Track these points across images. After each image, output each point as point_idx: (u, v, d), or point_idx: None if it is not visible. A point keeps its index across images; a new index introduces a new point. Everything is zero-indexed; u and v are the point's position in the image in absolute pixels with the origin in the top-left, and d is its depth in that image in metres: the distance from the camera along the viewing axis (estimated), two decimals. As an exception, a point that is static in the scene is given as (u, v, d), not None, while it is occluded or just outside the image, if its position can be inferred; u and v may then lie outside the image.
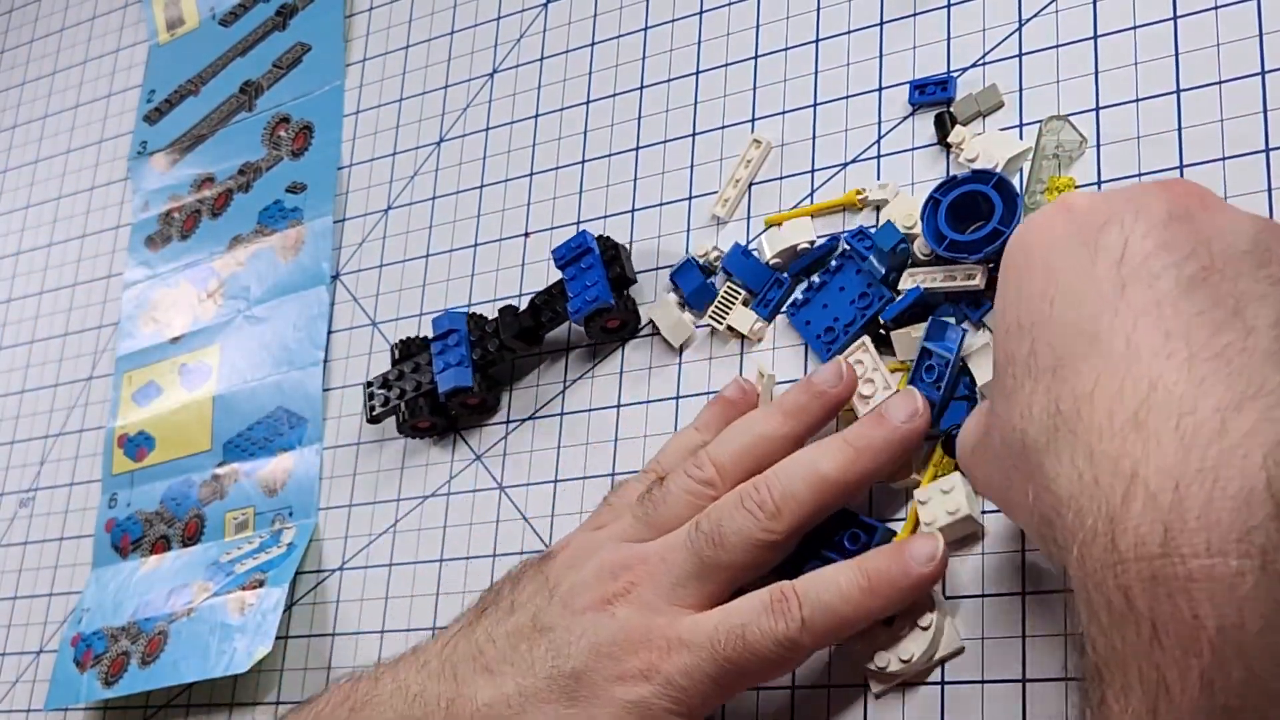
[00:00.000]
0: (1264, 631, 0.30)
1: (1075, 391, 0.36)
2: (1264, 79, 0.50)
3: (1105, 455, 0.33)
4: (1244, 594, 0.30)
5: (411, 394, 0.64)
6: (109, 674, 0.69)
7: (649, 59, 0.66)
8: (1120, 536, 0.32)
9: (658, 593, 0.49)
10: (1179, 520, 0.31)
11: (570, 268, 0.60)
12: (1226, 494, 0.31)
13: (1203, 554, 0.31)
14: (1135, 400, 0.34)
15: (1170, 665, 0.30)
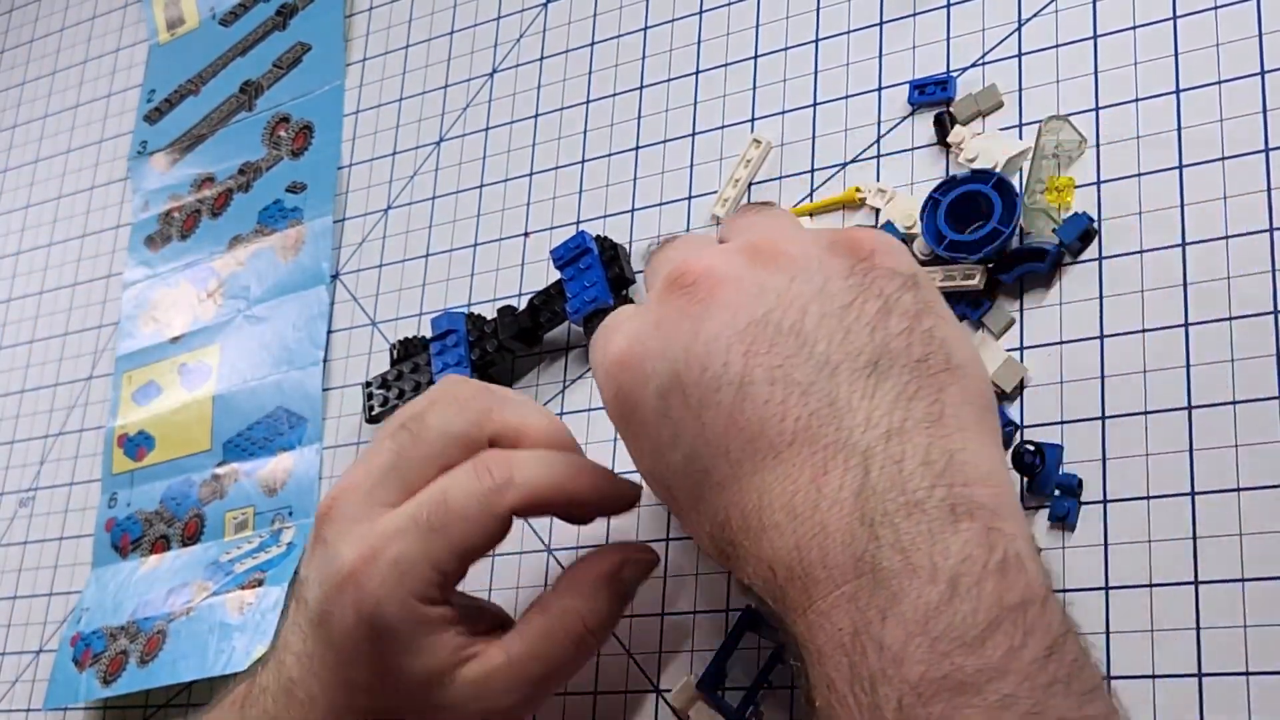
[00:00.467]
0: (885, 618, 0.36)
1: (717, 520, 0.42)
2: (1264, 79, 0.50)
3: (754, 559, 0.40)
4: (865, 600, 0.37)
5: (411, 394, 0.64)
6: (108, 673, 0.69)
7: (649, 59, 0.66)
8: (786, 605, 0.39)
9: (358, 501, 0.49)
10: (810, 578, 0.38)
11: (569, 268, 0.60)
12: (835, 541, 0.38)
13: (832, 589, 0.38)
14: (755, 510, 0.40)
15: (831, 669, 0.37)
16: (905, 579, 0.36)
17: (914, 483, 0.38)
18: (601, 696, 0.55)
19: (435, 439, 0.49)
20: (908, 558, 0.37)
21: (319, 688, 0.49)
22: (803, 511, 0.39)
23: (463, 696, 0.48)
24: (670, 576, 0.56)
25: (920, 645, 0.35)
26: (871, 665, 0.36)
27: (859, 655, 0.36)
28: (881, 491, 0.38)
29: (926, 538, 0.37)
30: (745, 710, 0.51)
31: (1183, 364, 0.48)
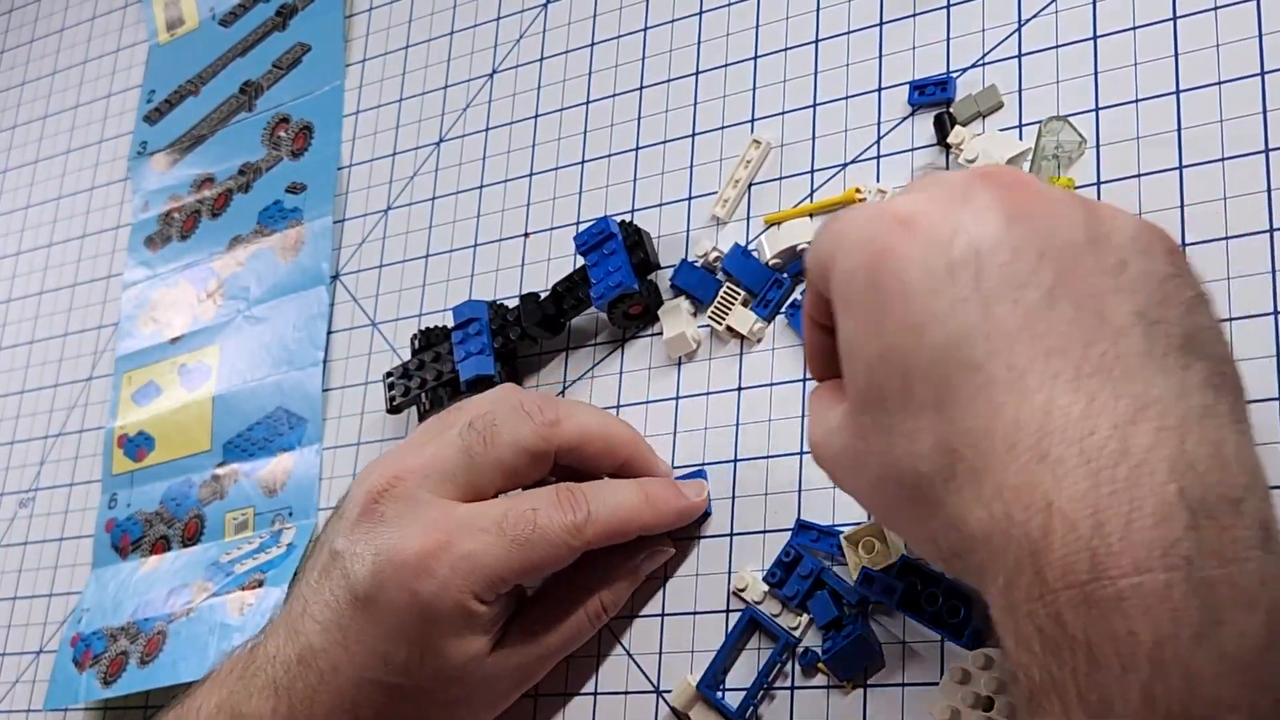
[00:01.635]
0: (1197, 638, 0.30)
1: (969, 427, 0.35)
2: (1264, 79, 0.50)
3: (1014, 490, 0.33)
4: (1174, 604, 0.30)
5: (433, 383, 0.64)
6: (108, 674, 0.69)
7: (649, 59, 0.66)
8: (1046, 569, 0.32)
9: (424, 487, 0.51)
10: (1103, 545, 0.31)
11: (592, 253, 0.60)
12: (1144, 512, 0.31)
13: (1130, 573, 0.31)
14: (1033, 430, 0.34)
15: (1110, 683, 0.31)
16: (1226, 595, 0.31)
17: (1233, 476, 0.33)
18: (602, 697, 0.55)
19: (506, 447, 0.52)
20: (1228, 569, 0.31)
21: (347, 659, 0.50)
22: (1102, 459, 0.32)
23: (487, 676, 0.51)
24: (670, 577, 0.56)
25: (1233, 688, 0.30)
26: (1173, 696, 0.30)
27: (1157, 679, 0.30)
28: (1203, 472, 0.32)
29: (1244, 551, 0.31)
30: (745, 710, 0.51)
31: (1183, 364, 0.48)
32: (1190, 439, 0.33)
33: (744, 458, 0.56)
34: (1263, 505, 0.33)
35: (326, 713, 0.50)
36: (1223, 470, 0.32)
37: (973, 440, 0.35)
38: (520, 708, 0.57)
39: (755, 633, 0.53)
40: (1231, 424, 0.34)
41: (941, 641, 0.49)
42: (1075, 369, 0.34)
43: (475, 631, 0.50)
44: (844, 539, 0.51)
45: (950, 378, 0.36)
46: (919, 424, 0.36)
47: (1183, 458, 0.32)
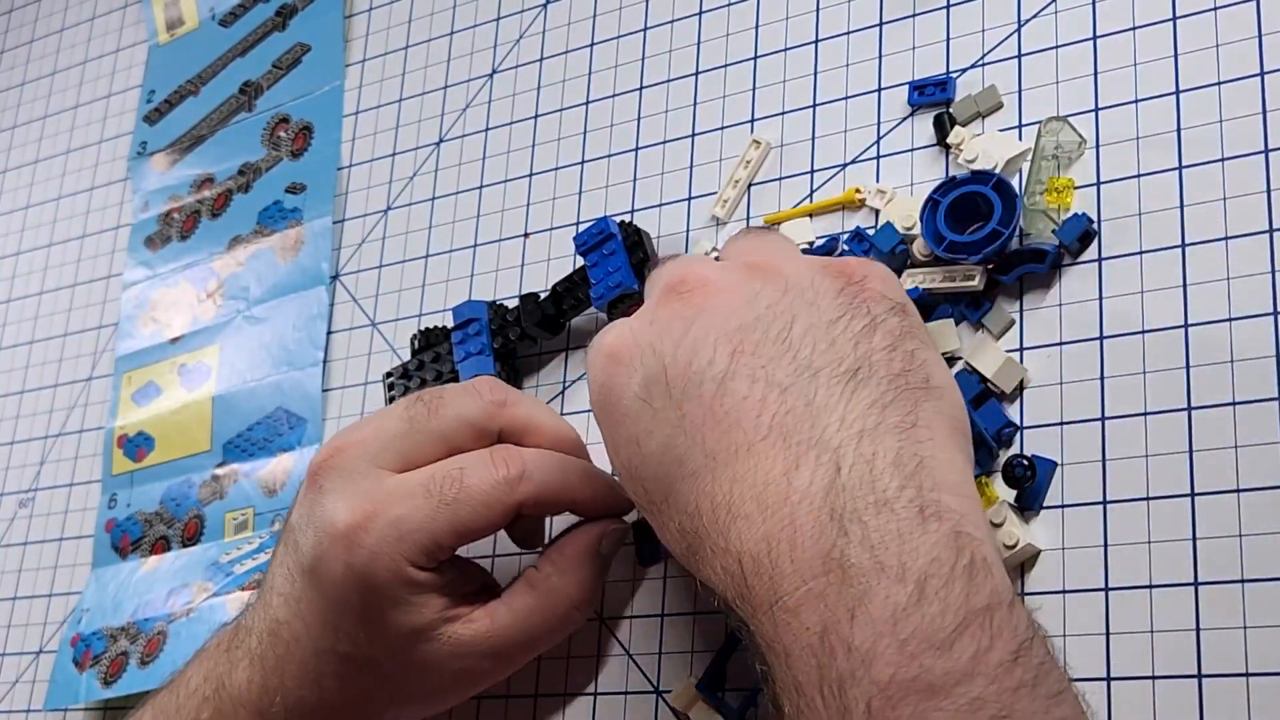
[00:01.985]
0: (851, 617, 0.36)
1: (687, 511, 0.42)
2: (1264, 79, 0.50)
3: (721, 551, 0.41)
4: (833, 598, 0.37)
5: (432, 383, 0.64)
6: (108, 674, 0.69)
7: (649, 59, 0.66)
8: (750, 602, 0.39)
9: (362, 458, 0.51)
10: (778, 572, 0.38)
11: (592, 254, 0.60)
12: (804, 535, 0.38)
13: (799, 585, 0.38)
14: (725, 499, 0.41)
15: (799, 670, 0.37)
16: (874, 577, 0.37)
17: (884, 481, 0.39)
18: (601, 697, 0.55)
19: (448, 418, 0.52)
20: (876, 556, 0.37)
21: (304, 629, 0.51)
22: (773, 503, 0.39)
23: (442, 655, 0.51)
24: (670, 578, 0.56)
25: (889, 646, 0.36)
26: (840, 667, 0.36)
27: (827, 656, 0.37)
28: (851, 488, 0.39)
29: (895, 537, 0.37)
30: (745, 711, 0.51)
31: (1183, 365, 0.48)
32: (845, 462, 0.39)
33: (744, 458, 0.56)
34: (922, 494, 0.39)
35: (295, 682, 0.51)
36: (873, 479, 0.39)
37: (693, 522, 0.42)
38: (520, 707, 0.57)
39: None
40: (897, 433, 0.40)
41: (941, 642, 0.49)
42: (750, 438, 0.41)
43: (418, 599, 0.50)
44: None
45: (669, 476, 0.43)
46: (662, 519, 0.44)
47: (836, 482, 0.39)
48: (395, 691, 0.52)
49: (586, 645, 0.56)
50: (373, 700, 0.52)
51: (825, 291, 0.44)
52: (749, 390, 0.42)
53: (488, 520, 0.51)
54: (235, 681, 0.52)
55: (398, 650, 0.51)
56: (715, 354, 0.43)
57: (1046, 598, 0.47)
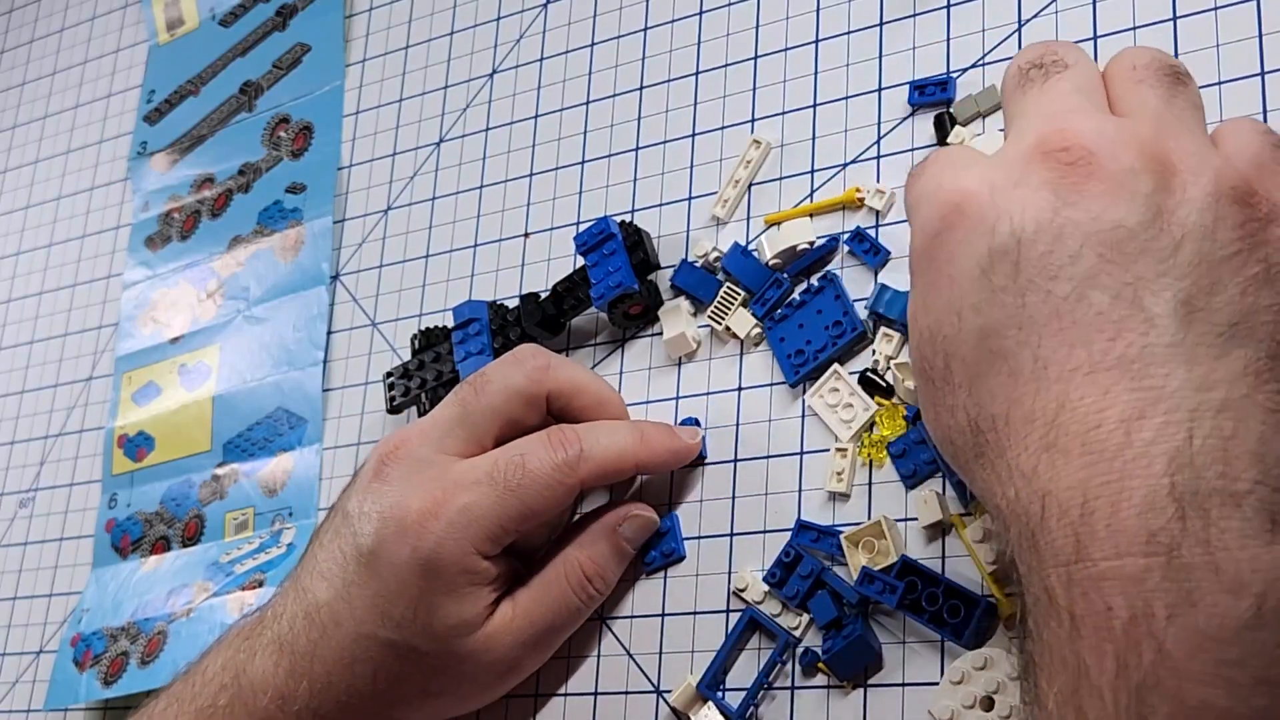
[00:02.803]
0: (1171, 617, 0.32)
1: (991, 412, 0.38)
2: (1264, 79, 0.50)
3: (1022, 475, 0.36)
4: (1151, 587, 0.33)
5: (433, 383, 0.64)
6: (108, 674, 0.69)
7: (649, 59, 0.66)
8: (1040, 545, 0.35)
9: (426, 446, 0.53)
10: (1088, 530, 0.34)
11: (592, 254, 0.60)
12: (1132, 502, 0.34)
13: (1111, 556, 0.33)
14: (1045, 421, 0.36)
15: (1088, 650, 0.33)
16: (1205, 579, 0.32)
17: (1238, 469, 0.34)
18: (602, 697, 0.56)
19: (497, 392, 0.53)
20: (1213, 557, 0.32)
21: (349, 614, 0.51)
22: (1102, 450, 0.34)
23: (478, 646, 0.52)
24: (670, 577, 0.56)
25: (1207, 664, 0.32)
26: (1145, 667, 0.32)
27: (1130, 650, 0.32)
28: (1200, 466, 0.33)
29: (1237, 540, 0.33)
30: (745, 710, 0.51)
31: (1183, 364, 0.48)
32: (1199, 432, 0.34)
33: (744, 458, 0.56)
34: (1276, 496, 0.34)
35: (326, 667, 0.52)
36: (1226, 464, 0.33)
37: (995, 425, 0.37)
38: (520, 707, 0.57)
39: (755, 633, 0.53)
40: (1263, 414, 0.35)
41: (941, 641, 0.49)
42: (1094, 362, 0.36)
43: (473, 591, 0.51)
44: (844, 539, 0.51)
45: (982, 364, 0.38)
46: (955, 401, 0.39)
47: (1184, 451, 0.34)
48: (427, 682, 0.53)
49: (586, 645, 0.56)
50: (402, 689, 0.52)
51: (1226, 219, 0.37)
52: (1109, 306, 0.36)
53: (552, 502, 0.52)
54: (257, 667, 0.52)
55: (441, 639, 0.51)
56: (1081, 251, 0.37)
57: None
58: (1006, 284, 0.38)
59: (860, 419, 0.53)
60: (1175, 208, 0.37)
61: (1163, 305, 0.36)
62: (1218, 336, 0.36)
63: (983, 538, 0.48)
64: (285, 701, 0.52)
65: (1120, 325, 0.36)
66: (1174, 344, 0.35)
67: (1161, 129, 0.39)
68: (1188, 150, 0.39)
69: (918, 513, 0.50)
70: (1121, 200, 0.37)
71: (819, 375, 0.54)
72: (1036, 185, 0.38)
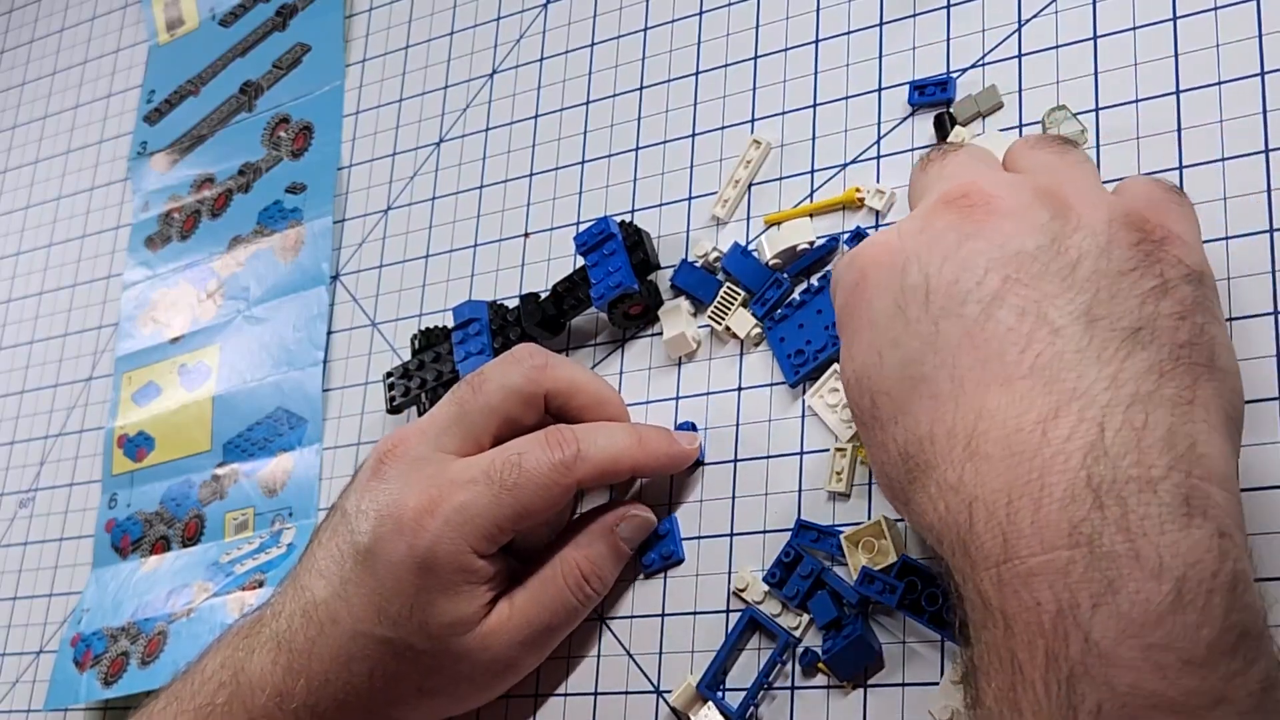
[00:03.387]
0: (1095, 606, 0.33)
1: (917, 435, 0.39)
2: (1264, 79, 0.50)
3: (949, 487, 0.38)
4: (1075, 578, 0.34)
5: (433, 383, 0.64)
6: (108, 674, 0.69)
7: (649, 59, 0.66)
8: (971, 550, 0.36)
9: (424, 444, 0.53)
10: (1014, 529, 0.35)
11: (592, 254, 0.60)
12: (1053, 497, 0.35)
13: (1038, 551, 0.34)
14: (966, 433, 0.38)
15: (1021, 647, 0.34)
16: (1126, 566, 0.33)
17: (1151, 457, 0.35)
18: (602, 697, 0.56)
19: (494, 391, 0.53)
20: (1133, 543, 0.33)
21: (346, 612, 0.52)
22: (1022, 451, 0.36)
23: (473, 646, 0.52)
24: (670, 578, 0.56)
25: (1133, 650, 0.33)
26: (1073, 657, 0.33)
27: (1059, 642, 0.33)
28: (1115, 457, 0.35)
29: (1156, 526, 0.34)
30: (745, 710, 0.51)
31: (1183, 364, 0.48)
32: (1111, 425, 0.35)
33: (744, 458, 0.56)
34: (1189, 480, 0.35)
35: (323, 665, 0.52)
36: (1140, 453, 0.35)
37: (922, 447, 0.39)
38: (520, 707, 0.57)
39: (755, 633, 0.53)
40: (1171, 406, 0.36)
41: (941, 641, 0.49)
42: (1008, 373, 0.38)
43: (470, 590, 0.51)
44: (844, 539, 0.51)
45: (905, 393, 0.40)
46: (885, 436, 0.41)
47: (1098, 444, 0.35)
48: (423, 681, 0.53)
49: (586, 645, 0.56)
50: (399, 687, 0.53)
51: (1119, 241, 0.39)
52: (1016, 323, 0.38)
53: (548, 502, 0.52)
54: (255, 665, 0.53)
55: (437, 638, 0.51)
56: (986, 276, 0.39)
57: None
58: (920, 315, 0.40)
59: (859, 420, 0.52)
60: (1071, 233, 0.40)
61: (1066, 317, 0.38)
62: (1122, 341, 0.37)
63: None
64: (283, 699, 0.52)
65: (1029, 337, 0.38)
66: (1081, 349, 0.37)
67: (1057, 176, 0.42)
68: (1081, 189, 0.41)
69: (918, 513, 0.50)
70: (1021, 229, 0.40)
71: (819, 375, 0.54)
72: (941, 229, 0.41)
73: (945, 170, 0.44)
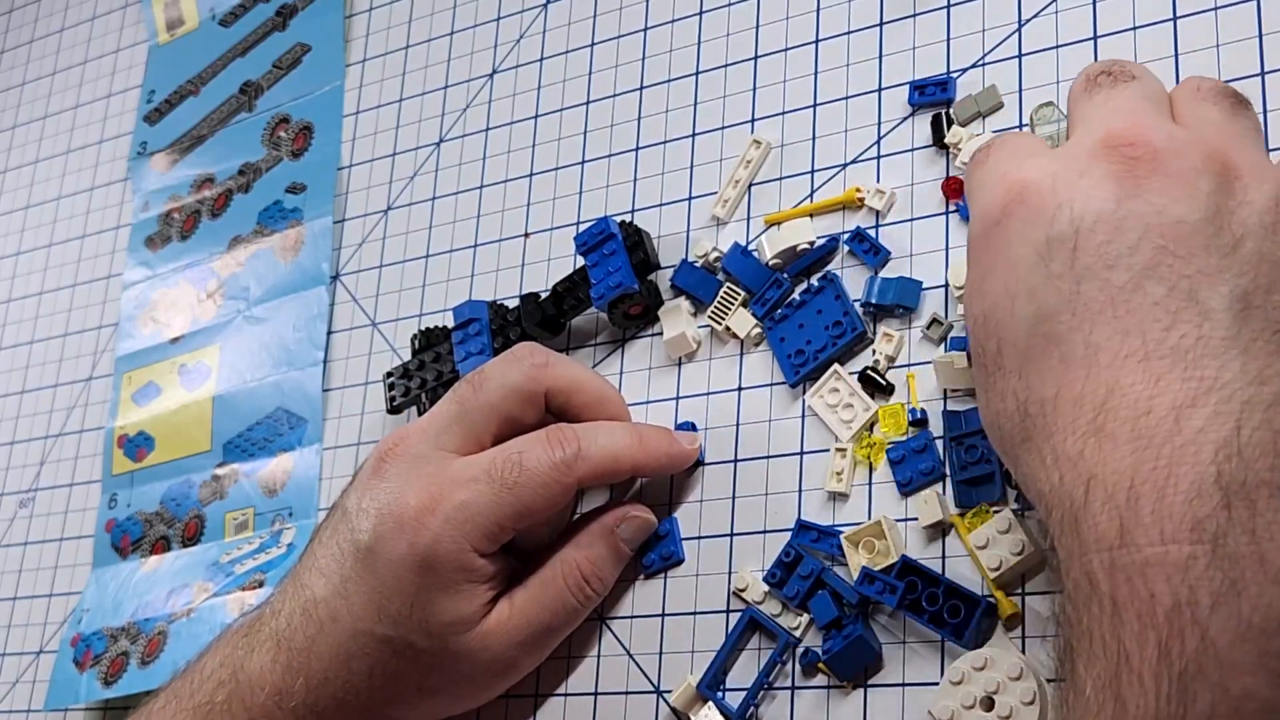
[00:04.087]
0: (1215, 605, 0.32)
1: (1040, 395, 0.38)
2: (1264, 79, 0.50)
3: (1068, 459, 0.36)
4: (1196, 574, 0.32)
5: (433, 383, 0.64)
6: (108, 674, 0.69)
7: (649, 59, 0.66)
8: (1083, 529, 0.35)
9: (424, 443, 0.53)
10: (1133, 515, 0.34)
11: (593, 254, 0.60)
12: (1178, 489, 0.33)
13: (1156, 542, 0.33)
14: (1094, 405, 0.36)
15: (1130, 637, 0.33)
16: (1250, 569, 0.32)
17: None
18: (602, 697, 0.56)
19: (495, 389, 0.53)
20: (1259, 547, 0.32)
21: (346, 610, 0.52)
22: (1152, 436, 0.34)
23: (473, 645, 0.52)
24: (670, 578, 0.56)
25: (1250, 653, 0.32)
26: (1188, 654, 0.32)
27: (1174, 637, 0.32)
28: (1249, 457, 0.33)
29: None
30: (745, 710, 0.51)
31: (1183, 365, 0.48)
32: (1249, 424, 0.34)
33: (744, 458, 0.56)
34: None
35: (323, 663, 0.52)
36: (1275, 457, 0.33)
37: (1043, 409, 0.38)
38: (520, 707, 0.57)
39: (755, 633, 0.53)
40: None
41: (941, 641, 0.49)
42: (1147, 351, 0.36)
43: (470, 588, 0.51)
44: (844, 539, 0.51)
45: (1034, 348, 0.38)
46: (1006, 386, 0.39)
47: (1232, 442, 0.34)
48: (423, 680, 0.53)
49: (586, 645, 0.56)
50: (398, 686, 0.53)
51: None
52: (1165, 297, 0.36)
53: (548, 501, 0.52)
54: (254, 664, 0.53)
55: (437, 636, 0.51)
56: (1140, 242, 0.37)
57: (1051, 599, 0.47)
58: (1063, 271, 0.38)
59: (860, 419, 0.53)
60: (1236, 208, 0.38)
61: (1219, 299, 0.36)
62: (1275, 334, 0.36)
63: (985, 544, 0.48)
64: (282, 698, 0.52)
65: (1176, 316, 0.36)
66: (1229, 337, 0.36)
67: (1225, 139, 0.40)
68: (1249, 160, 0.39)
69: (918, 513, 0.50)
70: (1183, 196, 0.38)
71: (819, 375, 0.54)
72: (1100, 177, 0.39)
73: (1114, 102, 0.42)
